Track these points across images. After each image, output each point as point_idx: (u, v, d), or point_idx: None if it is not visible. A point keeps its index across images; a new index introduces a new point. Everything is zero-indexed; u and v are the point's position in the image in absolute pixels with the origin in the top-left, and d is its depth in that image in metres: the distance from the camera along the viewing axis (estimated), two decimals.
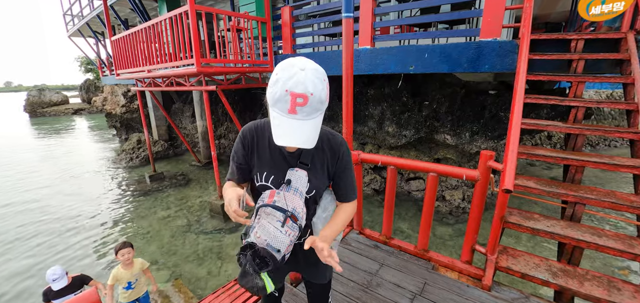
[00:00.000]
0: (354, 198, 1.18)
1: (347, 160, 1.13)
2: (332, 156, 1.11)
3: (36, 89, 29.48)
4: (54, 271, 2.65)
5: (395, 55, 4.04)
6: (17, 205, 6.98)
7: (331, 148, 1.10)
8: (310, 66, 0.86)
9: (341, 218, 1.13)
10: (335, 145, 1.11)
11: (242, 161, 1.12)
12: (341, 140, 1.13)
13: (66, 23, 14.98)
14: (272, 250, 0.99)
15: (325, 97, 0.90)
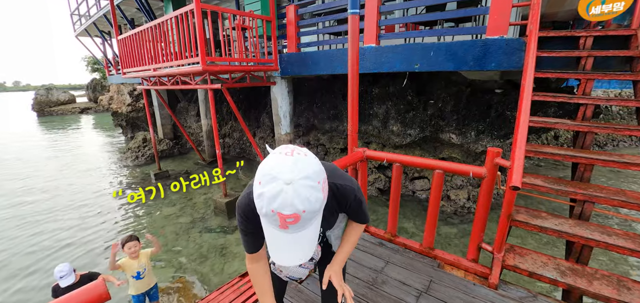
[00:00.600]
0: (367, 222, 1.20)
1: (356, 206, 1.10)
2: (340, 206, 1.09)
3: (44, 88, 29.88)
4: (61, 268, 2.70)
5: (401, 53, 4.02)
6: (26, 204, 7.08)
7: (338, 202, 1.07)
8: (299, 176, 0.71)
9: (353, 239, 1.23)
10: (342, 197, 1.06)
11: (253, 229, 1.02)
12: (350, 191, 1.07)
13: (73, 23, 15.15)
14: (293, 280, 1.28)
15: (322, 202, 0.77)
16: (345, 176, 1.10)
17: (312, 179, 0.72)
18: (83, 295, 1.03)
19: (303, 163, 0.73)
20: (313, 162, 0.75)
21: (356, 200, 1.08)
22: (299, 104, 7.04)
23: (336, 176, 1.06)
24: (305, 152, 0.78)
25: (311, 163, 0.74)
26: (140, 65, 6.24)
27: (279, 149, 0.78)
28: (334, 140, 6.90)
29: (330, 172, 1.04)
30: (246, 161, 9.25)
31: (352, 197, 1.07)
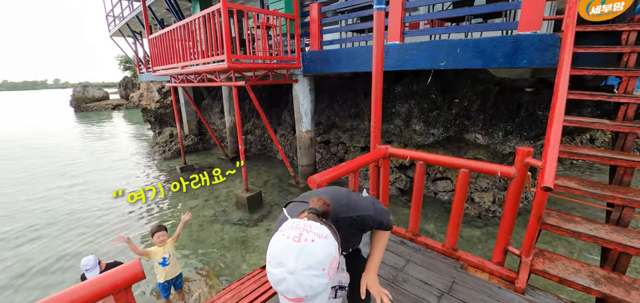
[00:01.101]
0: (390, 229, 1.29)
1: (377, 225, 1.21)
2: (363, 230, 1.22)
3: (81, 86, 31.89)
4: (87, 261, 2.91)
5: (426, 50, 3.94)
6: (63, 188, 7.62)
7: (359, 229, 1.18)
8: (302, 266, 0.72)
9: (382, 244, 1.30)
10: (363, 225, 1.16)
11: None
12: (368, 219, 1.15)
13: (108, 24, 16.05)
14: None
15: (327, 284, 0.77)
16: (360, 203, 1.15)
17: (316, 269, 0.73)
18: (122, 272, 1.11)
19: (309, 252, 0.73)
20: (320, 249, 0.75)
21: (376, 222, 1.17)
22: (320, 102, 7.08)
23: (351, 208, 1.11)
24: (316, 233, 0.76)
25: (318, 252, 0.74)
26: (169, 63, 6.52)
27: (290, 227, 0.78)
28: (354, 138, 6.87)
29: (346, 206, 1.10)
30: (266, 158, 9.42)
31: (370, 221, 1.15)
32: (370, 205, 1.16)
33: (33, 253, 4.90)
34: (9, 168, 10.07)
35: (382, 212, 1.21)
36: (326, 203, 0.94)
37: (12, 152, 12.56)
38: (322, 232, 0.78)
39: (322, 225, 0.81)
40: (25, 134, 17.73)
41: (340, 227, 1.05)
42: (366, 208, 1.14)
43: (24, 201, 7.10)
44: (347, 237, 1.16)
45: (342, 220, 1.07)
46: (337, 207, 1.06)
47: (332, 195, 1.11)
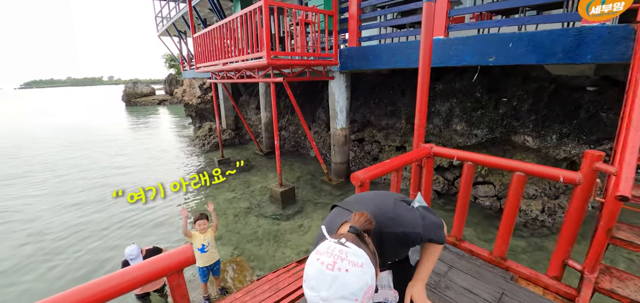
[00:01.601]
0: (443, 242, 1.16)
1: (427, 241, 1.12)
2: (410, 246, 1.15)
3: (131, 82, 34.70)
4: (131, 251, 3.18)
5: (473, 45, 3.70)
6: (113, 177, 8.34)
7: (406, 245, 1.11)
8: (335, 295, 0.70)
9: (433, 257, 1.20)
10: (409, 241, 1.08)
11: None
12: (414, 236, 1.06)
13: (157, 24, 17.24)
14: None
15: None
16: (408, 218, 1.06)
17: (349, 299, 0.71)
18: (175, 256, 1.15)
19: (342, 282, 0.70)
20: (354, 280, 0.71)
21: (425, 239, 1.08)
22: (355, 100, 6.99)
23: (397, 223, 1.03)
24: (351, 262, 0.73)
25: (351, 283, 0.71)
26: (211, 61, 6.82)
27: (325, 252, 0.75)
28: (389, 137, 6.70)
29: (392, 220, 1.02)
30: (299, 155, 9.53)
31: (418, 239, 1.06)
32: (418, 220, 1.07)
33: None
34: (75, 154, 11.26)
35: (433, 227, 1.11)
36: (369, 220, 0.88)
37: (79, 141, 14.02)
38: (358, 260, 0.74)
39: (359, 249, 0.77)
40: (88, 125, 19.70)
41: (384, 241, 1.00)
42: (414, 224, 1.05)
43: (97, 178, 7.90)
44: (391, 252, 1.09)
45: (386, 235, 1.01)
46: (381, 220, 1.00)
47: (377, 206, 1.05)
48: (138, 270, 1.08)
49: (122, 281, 1.04)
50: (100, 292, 0.99)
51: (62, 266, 4.52)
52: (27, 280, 4.24)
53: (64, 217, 6.11)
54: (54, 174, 8.95)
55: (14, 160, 10.75)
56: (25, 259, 4.70)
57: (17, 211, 6.45)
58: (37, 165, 9.99)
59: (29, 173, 9.18)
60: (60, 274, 4.35)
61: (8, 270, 4.47)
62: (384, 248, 1.00)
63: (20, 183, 8.19)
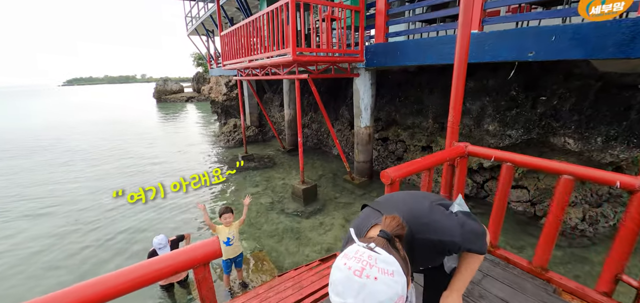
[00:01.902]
0: (483, 251, 1.03)
1: (465, 250, 1.00)
2: (445, 255, 1.06)
3: (162, 80, 36.34)
4: (159, 241, 3.28)
5: (510, 39, 3.47)
6: (144, 165, 8.74)
7: (441, 253, 1.02)
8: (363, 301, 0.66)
9: (473, 266, 1.08)
10: (445, 250, 0.97)
11: None
12: (450, 245, 0.95)
13: (186, 24, 17.89)
14: None
15: None
16: (445, 225, 0.95)
17: (375, 299, 0.65)
18: (202, 248, 1.14)
19: (370, 291, 0.65)
20: (383, 290, 0.65)
21: (463, 248, 0.96)
22: (380, 97, 6.83)
23: (432, 229, 0.93)
24: (381, 269, 0.67)
25: (380, 292, 0.65)
26: (237, 58, 6.93)
27: (353, 257, 0.70)
28: (415, 136, 6.48)
29: (426, 225, 0.93)
30: (321, 153, 9.49)
31: (455, 248, 0.95)
32: (456, 227, 0.96)
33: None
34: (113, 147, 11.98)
35: (473, 236, 0.99)
36: (401, 224, 0.80)
37: (114, 134, 14.89)
38: (389, 267, 0.67)
39: (389, 256, 0.70)
40: (122, 119, 20.88)
41: (415, 248, 0.91)
42: (451, 231, 0.94)
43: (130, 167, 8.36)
44: (423, 260, 0.99)
45: (419, 241, 0.92)
46: (414, 225, 0.91)
47: (411, 209, 0.96)
48: (164, 261, 1.07)
49: (149, 271, 1.04)
50: (129, 281, 0.99)
51: (94, 247, 4.82)
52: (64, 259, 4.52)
53: (99, 202, 6.51)
54: (89, 163, 9.57)
55: (54, 150, 11.60)
56: (64, 239, 5.03)
57: (59, 196, 6.92)
58: (78, 153, 10.79)
59: (70, 161, 9.88)
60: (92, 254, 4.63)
61: (46, 251, 4.79)
62: (414, 255, 0.91)
63: (61, 171, 8.80)
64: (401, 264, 0.70)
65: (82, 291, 0.91)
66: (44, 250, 4.84)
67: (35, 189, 7.50)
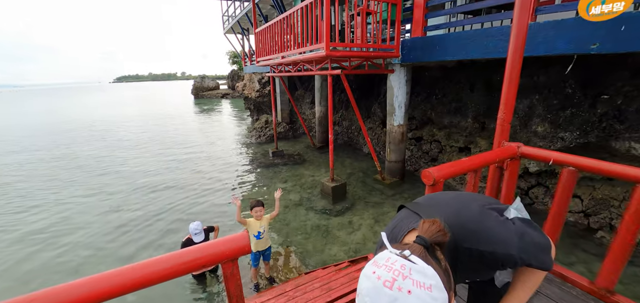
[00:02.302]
0: (549, 269, 0.87)
1: (523, 264, 0.83)
2: (493, 269, 0.89)
3: (199, 77, 38.20)
4: (196, 226, 3.41)
5: (569, 30, 3.10)
6: (180, 156, 9.18)
7: (486, 267, 0.85)
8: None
9: (529, 286, 0.93)
10: (496, 264, 0.83)
11: None
12: (503, 258, 0.80)
13: (223, 23, 18.53)
14: None
15: None
16: (499, 234, 0.81)
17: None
18: (231, 243, 1.09)
19: (410, 284, 0.56)
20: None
21: (520, 262, 0.81)
22: (415, 95, 6.53)
23: (482, 239, 0.79)
24: (416, 281, 0.57)
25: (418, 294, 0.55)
26: (271, 54, 7.00)
27: (384, 265, 0.60)
28: (452, 137, 6.12)
29: (474, 233, 0.79)
30: (352, 151, 9.33)
31: (510, 262, 0.80)
32: (513, 238, 0.80)
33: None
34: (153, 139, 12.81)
35: (534, 249, 0.82)
36: (443, 230, 0.68)
37: (154, 128, 15.92)
38: (426, 280, 0.57)
39: (428, 266, 0.59)
40: (163, 113, 22.28)
41: (460, 259, 0.78)
42: (507, 242, 0.79)
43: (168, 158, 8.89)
44: (470, 273, 0.85)
45: (465, 252, 0.78)
46: (459, 232, 0.78)
47: (456, 212, 0.83)
48: (193, 254, 1.04)
49: (178, 263, 1.00)
50: (156, 272, 0.96)
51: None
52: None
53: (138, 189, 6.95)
54: (131, 154, 10.27)
55: (106, 141, 12.63)
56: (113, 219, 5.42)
57: (106, 184, 7.48)
58: (123, 143, 11.65)
59: (120, 147, 10.69)
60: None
61: (94, 233, 5.17)
62: (458, 267, 0.78)
63: (107, 160, 9.53)
64: (441, 277, 0.59)
65: (107, 280, 0.89)
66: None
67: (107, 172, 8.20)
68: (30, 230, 5.34)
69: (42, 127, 17.83)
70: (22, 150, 11.59)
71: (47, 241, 4.97)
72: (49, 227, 5.45)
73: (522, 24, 1.77)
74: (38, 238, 5.08)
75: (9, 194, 7.06)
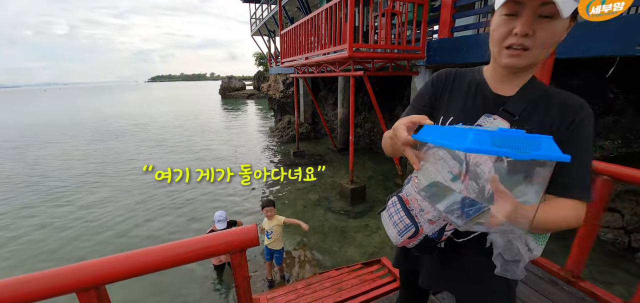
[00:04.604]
0: (587, 198, 0.71)
1: (586, 131, 0.72)
2: (562, 117, 0.73)
3: (227, 78, 39.48)
4: (220, 214, 3.53)
5: (610, 30, 2.87)
6: (201, 149, 9.55)
7: (563, 107, 0.74)
8: None
9: (557, 216, 0.69)
10: (572, 105, 0.74)
11: (426, 103, 0.92)
12: (582, 103, 0.74)
13: (251, 25, 19.06)
14: (430, 206, 0.76)
15: None
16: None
17: None
18: (238, 234, 1.11)
19: None
20: None
21: (589, 122, 0.72)
22: None
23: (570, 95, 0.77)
24: None
25: None
26: (295, 55, 7.10)
27: None
28: None
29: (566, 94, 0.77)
30: (373, 154, 9.21)
31: (585, 111, 0.73)
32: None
33: None
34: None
35: (589, 164, 0.73)
36: None
37: (185, 124, 16.72)
38: None
39: None
40: (191, 111, 23.33)
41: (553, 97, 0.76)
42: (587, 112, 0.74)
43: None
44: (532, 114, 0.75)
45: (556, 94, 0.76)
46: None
47: None
48: (202, 242, 1.07)
49: (192, 249, 1.04)
50: (169, 257, 1.00)
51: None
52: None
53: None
54: (161, 148, 10.82)
55: (137, 136, 13.43)
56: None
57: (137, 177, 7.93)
58: (152, 137, 12.36)
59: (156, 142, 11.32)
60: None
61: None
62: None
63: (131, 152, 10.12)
64: None
65: (127, 260, 0.95)
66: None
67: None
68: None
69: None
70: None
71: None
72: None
73: None
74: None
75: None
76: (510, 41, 0.69)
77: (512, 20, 0.67)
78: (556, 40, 0.68)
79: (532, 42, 0.67)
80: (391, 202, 0.92)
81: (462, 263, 0.88)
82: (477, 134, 0.51)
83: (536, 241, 0.77)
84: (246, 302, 1.13)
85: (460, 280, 0.90)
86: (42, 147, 11.78)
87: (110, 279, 0.92)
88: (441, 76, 0.92)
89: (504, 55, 0.72)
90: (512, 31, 0.67)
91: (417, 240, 0.82)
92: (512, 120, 0.75)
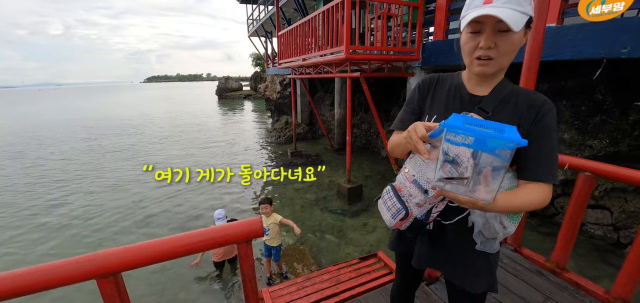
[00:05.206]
0: (551, 181, 0.82)
1: (549, 124, 0.84)
2: (528, 113, 0.85)
3: (224, 79, 39.39)
4: (219, 212, 3.60)
5: (597, 33, 2.99)
6: (199, 149, 9.58)
7: (529, 104, 0.86)
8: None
9: (523, 198, 0.80)
10: (536, 101, 0.86)
11: (416, 106, 1.06)
12: (545, 100, 0.86)
13: (248, 26, 19.08)
14: (419, 189, 0.89)
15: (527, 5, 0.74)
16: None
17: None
18: (246, 226, 1.20)
19: None
20: None
21: (551, 116, 0.84)
22: None
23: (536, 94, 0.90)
24: None
25: None
26: (292, 56, 7.18)
27: None
28: None
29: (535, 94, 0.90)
30: (370, 153, 9.32)
31: (548, 106, 0.85)
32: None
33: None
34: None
35: (553, 151, 0.83)
36: None
37: (181, 124, 16.69)
38: None
39: None
40: (188, 111, 23.27)
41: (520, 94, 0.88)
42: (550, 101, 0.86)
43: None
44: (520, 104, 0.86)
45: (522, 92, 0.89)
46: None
47: None
48: (212, 232, 1.15)
49: (201, 239, 1.12)
50: (181, 246, 1.08)
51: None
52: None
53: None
54: (161, 148, 10.83)
55: (137, 136, 13.41)
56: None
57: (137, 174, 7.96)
58: (149, 138, 12.35)
59: (140, 143, 11.31)
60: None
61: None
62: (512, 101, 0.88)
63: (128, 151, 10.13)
64: None
65: (143, 249, 1.02)
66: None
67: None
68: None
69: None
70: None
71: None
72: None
73: (538, 29, 1.77)
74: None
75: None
76: (478, 53, 0.82)
77: (477, 37, 0.81)
78: (516, 48, 0.81)
79: (496, 52, 0.80)
80: (385, 190, 1.06)
81: (449, 242, 1.00)
82: (463, 119, 0.73)
83: (510, 220, 0.90)
84: (252, 288, 1.22)
85: (446, 258, 1.02)
86: (40, 148, 11.76)
87: (129, 266, 1.00)
88: (426, 81, 1.06)
89: (474, 64, 0.85)
90: (478, 45, 0.81)
91: (408, 222, 0.95)
92: (486, 116, 0.87)
